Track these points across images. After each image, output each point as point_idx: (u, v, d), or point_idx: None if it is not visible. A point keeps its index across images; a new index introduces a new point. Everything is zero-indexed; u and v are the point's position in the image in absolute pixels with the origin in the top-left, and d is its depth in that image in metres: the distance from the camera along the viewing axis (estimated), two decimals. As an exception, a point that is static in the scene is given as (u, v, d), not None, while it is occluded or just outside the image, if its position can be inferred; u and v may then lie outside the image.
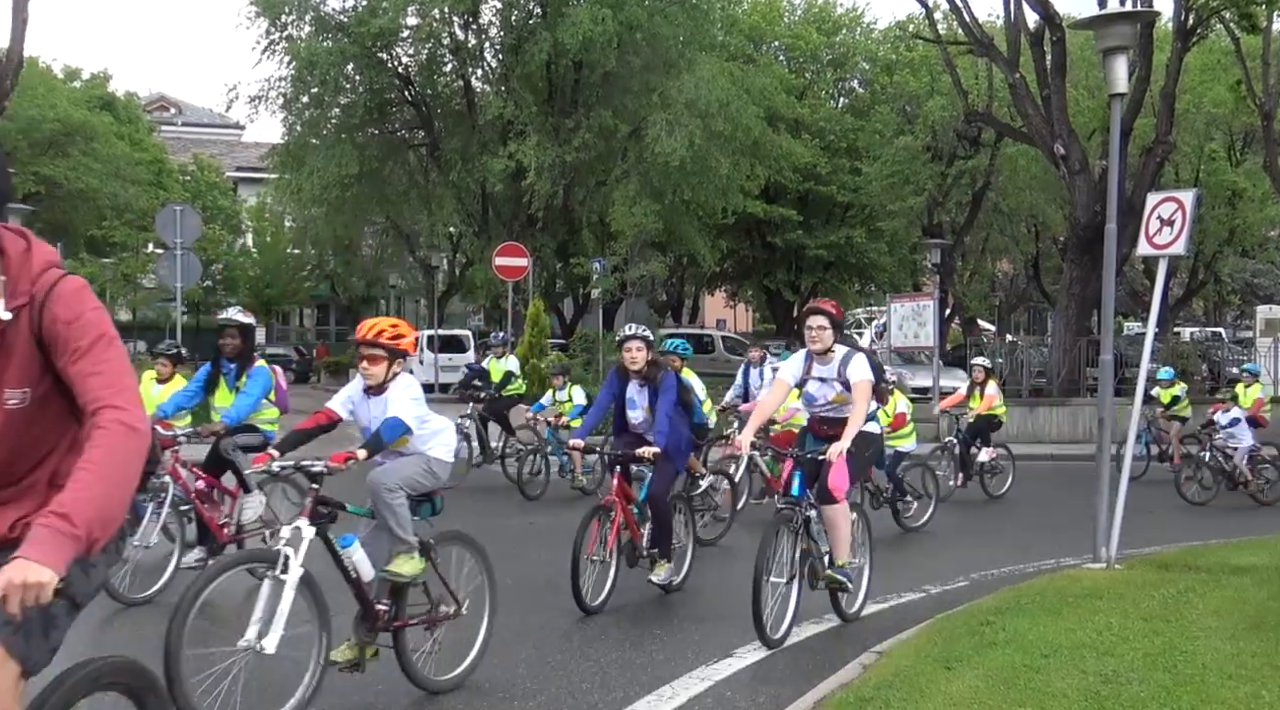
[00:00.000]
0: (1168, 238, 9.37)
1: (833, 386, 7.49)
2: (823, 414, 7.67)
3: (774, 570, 7.08)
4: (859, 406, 7.20)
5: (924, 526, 12.23)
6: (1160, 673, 5.82)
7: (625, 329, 8.66)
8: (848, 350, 7.48)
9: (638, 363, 8.38)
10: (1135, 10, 17.97)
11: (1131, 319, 43.87)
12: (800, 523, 7.23)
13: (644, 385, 8.45)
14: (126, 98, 48.50)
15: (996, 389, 14.85)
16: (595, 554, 7.97)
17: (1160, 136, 23.52)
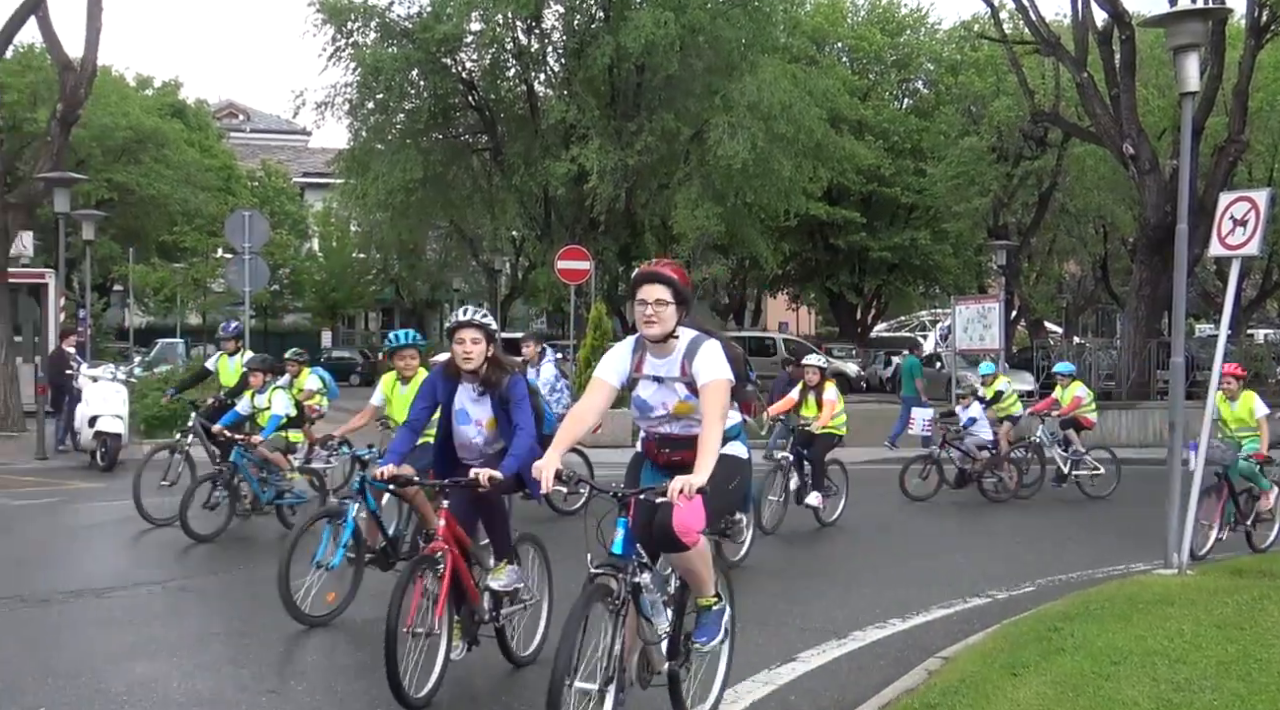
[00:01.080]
0: (1241, 238, 9.20)
1: (673, 390, 5.16)
2: (662, 430, 5.29)
3: (581, 672, 4.77)
4: (710, 420, 4.84)
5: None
6: (1234, 681, 5.71)
7: (459, 313, 6.40)
8: (695, 337, 5.14)
9: (473, 359, 6.20)
10: (1207, 7, 17.64)
11: (1203, 321, 43.13)
12: (623, 598, 4.87)
13: (483, 393, 6.32)
14: (197, 105, 49.39)
15: (837, 395, 12.17)
16: (418, 625, 5.79)
17: (1233, 135, 23.08)
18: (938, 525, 12.88)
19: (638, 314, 5.07)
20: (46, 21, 20.38)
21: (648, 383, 5.22)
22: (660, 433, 5.32)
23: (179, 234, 40.21)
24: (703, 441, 4.80)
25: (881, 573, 9.78)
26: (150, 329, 44.88)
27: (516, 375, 6.41)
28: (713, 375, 4.97)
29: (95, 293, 33.78)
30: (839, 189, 35.95)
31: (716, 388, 4.95)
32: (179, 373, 23.62)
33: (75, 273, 35.62)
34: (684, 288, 5.10)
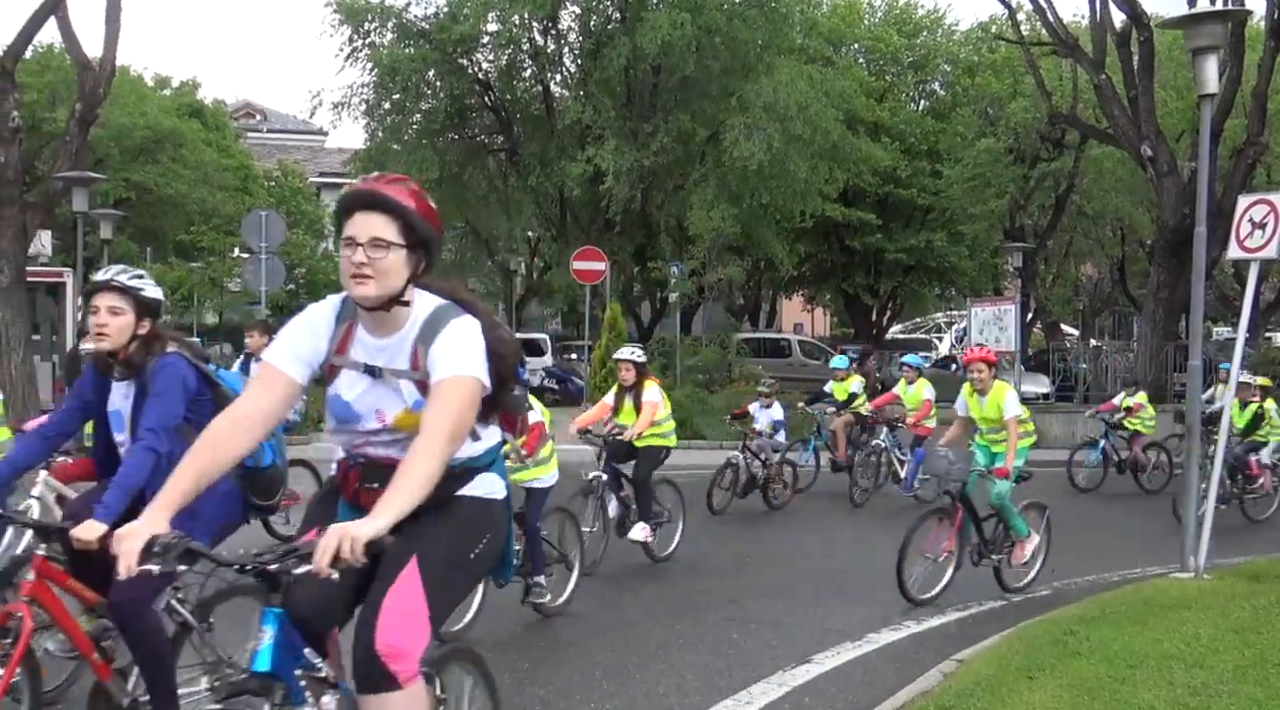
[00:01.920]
0: (1259, 241, 9.16)
1: (395, 390, 3.31)
2: (371, 452, 3.40)
3: None
4: (431, 434, 3.09)
5: (562, 607, 8.00)
6: (1251, 685, 5.68)
7: (98, 273, 4.69)
8: (440, 308, 3.31)
9: (108, 335, 4.48)
10: (1226, 9, 17.55)
11: (1220, 324, 42.90)
12: None
13: (131, 382, 4.56)
14: (214, 105, 49.52)
15: (661, 395, 9.76)
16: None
17: (1252, 138, 22.97)
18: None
19: (343, 261, 3.17)
20: (66, 21, 20.45)
21: (353, 375, 3.31)
22: (367, 456, 3.37)
23: (196, 233, 40.36)
24: (405, 466, 3.01)
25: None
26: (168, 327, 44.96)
27: (167, 358, 4.50)
28: (455, 369, 3.15)
29: (113, 292, 33.92)
30: (855, 190, 35.85)
31: (455, 388, 3.13)
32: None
33: (93, 272, 35.72)
34: (421, 221, 3.19)
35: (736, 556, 10.52)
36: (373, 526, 2.84)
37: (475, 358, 3.20)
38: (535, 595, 7.65)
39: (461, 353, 3.19)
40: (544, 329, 44.77)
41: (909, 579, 8.27)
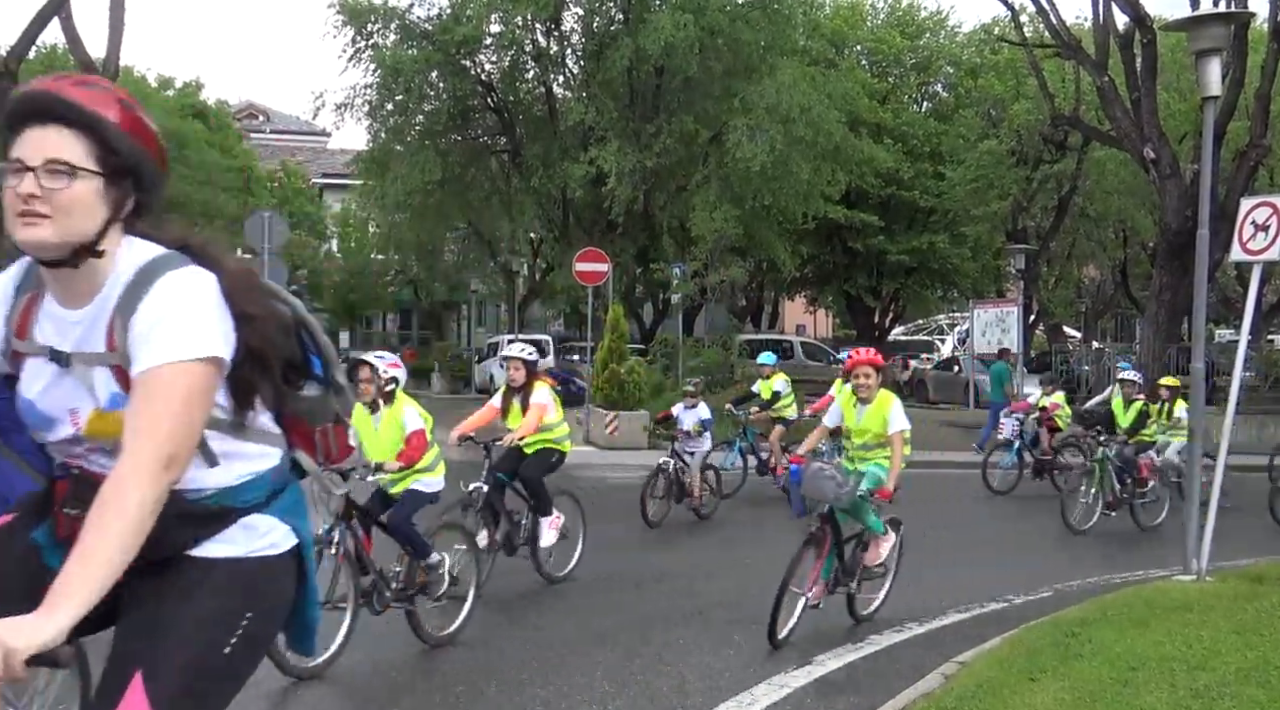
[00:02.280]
0: (1262, 243, 9.15)
1: (87, 380, 2.26)
2: (81, 462, 2.33)
3: None
4: (135, 454, 2.09)
5: (451, 636, 7.18)
6: (1254, 688, 5.67)
7: None
8: (155, 260, 2.28)
9: None
10: (1229, 11, 17.56)
11: (1223, 326, 42.87)
12: None
13: None
14: (217, 106, 49.55)
15: (551, 397, 8.96)
16: None
17: (1254, 140, 22.95)
18: (954, 531, 12.85)
19: (6, 195, 2.18)
20: (69, 22, 20.50)
21: (38, 364, 2.33)
22: (83, 469, 2.35)
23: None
24: (93, 516, 2.05)
25: (898, 577, 9.76)
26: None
27: None
28: (164, 352, 2.17)
29: (115, 292, 33.96)
30: (857, 192, 35.86)
31: (165, 381, 2.15)
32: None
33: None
34: (126, 138, 2.25)
35: (737, 558, 10.52)
36: (42, 630, 1.91)
37: (200, 331, 2.19)
38: (416, 620, 6.95)
39: (176, 325, 2.17)
40: (546, 330, 44.77)
41: (781, 625, 7.21)
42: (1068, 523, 12.33)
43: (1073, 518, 12.41)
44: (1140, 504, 13.16)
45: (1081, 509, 12.59)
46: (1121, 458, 12.84)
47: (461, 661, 6.71)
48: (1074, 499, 12.65)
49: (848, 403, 7.99)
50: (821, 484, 7.22)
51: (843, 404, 8.03)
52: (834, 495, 7.26)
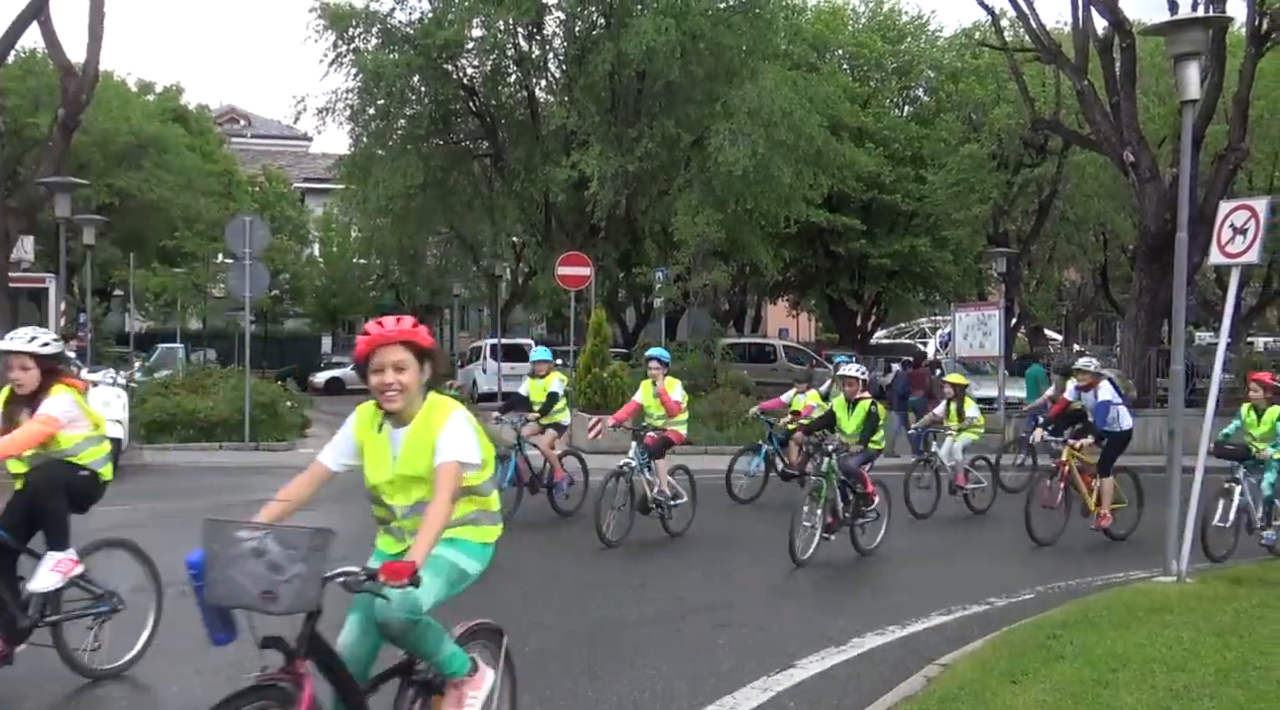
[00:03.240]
0: (1241, 246, 9.21)
1: None
2: None
3: None
4: None
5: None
6: (1233, 688, 5.71)
7: None
8: None
9: None
10: (1208, 15, 17.69)
11: (1203, 329, 43.12)
12: None
13: None
14: (198, 110, 49.39)
15: None
16: None
17: (1233, 143, 23.11)
18: (937, 533, 12.88)
19: None
20: (49, 26, 20.42)
21: None
22: None
23: (180, 239, 40.19)
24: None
25: (880, 580, 9.79)
26: (150, 334, 44.88)
27: None
28: None
29: (96, 297, 33.79)
30: (839, 196, 35.92)
31: None
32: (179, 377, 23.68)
33: (76, 277, 35.64)
34: None
35: (721, 563, 10.52)
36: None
37: None
38: None
39: None
40: (529, 334, 44.73)
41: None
42: (791, 552, 10.11)
43: (797, 542, 10.20)
44: (860, 525, 10.96)
45: (805, 533, 10.40)
46: (845, 469, 10.76)
47: (444, 667, 6.70)
48: (797, 521, 10.36)
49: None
50: (237, 582, 3.69)
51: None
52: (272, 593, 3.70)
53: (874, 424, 11.06)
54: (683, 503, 11.92)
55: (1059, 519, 11.96)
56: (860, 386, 11.42)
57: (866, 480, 10.95)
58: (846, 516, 10.80)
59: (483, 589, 8.48)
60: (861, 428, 11.03)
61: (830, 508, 10.59)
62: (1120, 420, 12.12)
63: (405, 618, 3.84)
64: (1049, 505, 11.94)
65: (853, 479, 10.84)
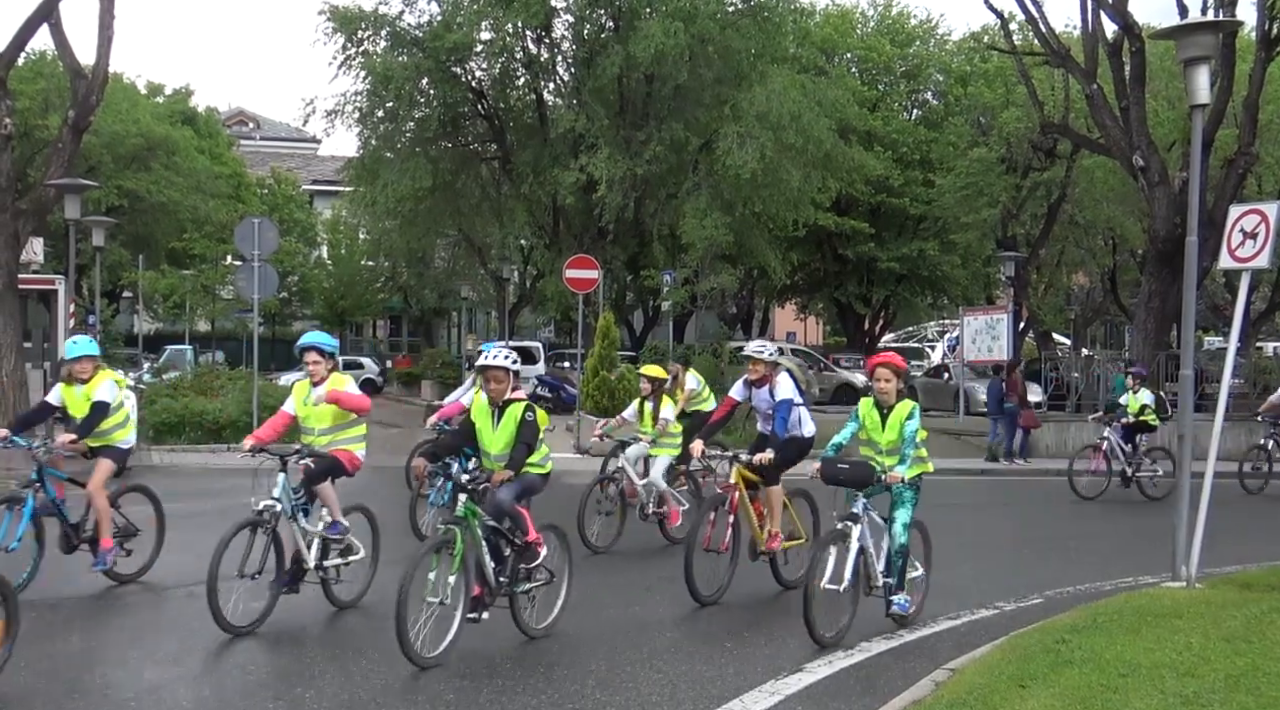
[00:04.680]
0: (1251, 251, 9.18)
1: None
2: None
3: None
4: None
5: None
6: (1243, 694, 5.69)
7: None
8: None
9: None
10: (1217, 20, 17.64)
11: (1212, 333, 42.99)
12: None
13: None
14: (207, 112, 49.54)
15: None
16: None
17: (1243, 148, 23.04)
18: (944, 538, 12.83)
19: None
20: (59, 28, 20.44)
21: None
22: None
23: (188, 241, 40.32)
24: None
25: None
26: (159, 335, 45.03)
27: None
28: None
29: (105, 299, 33.90)
30: (847, 199, 35.92)
31: None
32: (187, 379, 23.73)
33: (85, 279, 35.73)
34: None
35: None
36: None
37: None
38: None
39: None
40: (537, 337, 44.76)
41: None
42: (406, 650, 6.69)
43: (409, 638, 6.66)
44: (525, 593, 7.61)
45: (420, 618, 6.89)
46: (493, 507, 7.37)
47: (452, 669, 6.70)
48: (406, 595, 6.74)
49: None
50: None
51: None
52: None
53: (531, 436, 7.36)
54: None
55: (725, 567, 8.93)
56: (511, 382, 7.42)
57: (528, 522, 7.51)
58: (502, 582, 7.39)
59: (490, 592, 8.50)
60: (513, 442, 7.36)
61: (477, 571, 7.24)
62: (803, 425, 9.29)
63: None
64: (714, 549, 8.87)
65: (507, 522, 7.43)
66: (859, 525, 7.56)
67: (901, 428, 7.80)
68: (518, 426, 7.33)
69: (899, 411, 7.87)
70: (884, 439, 7.94)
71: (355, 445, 8.38)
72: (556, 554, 7.88)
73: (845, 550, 7.48)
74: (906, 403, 7.94)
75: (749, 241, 30.87)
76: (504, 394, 7.41)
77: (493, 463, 7.43)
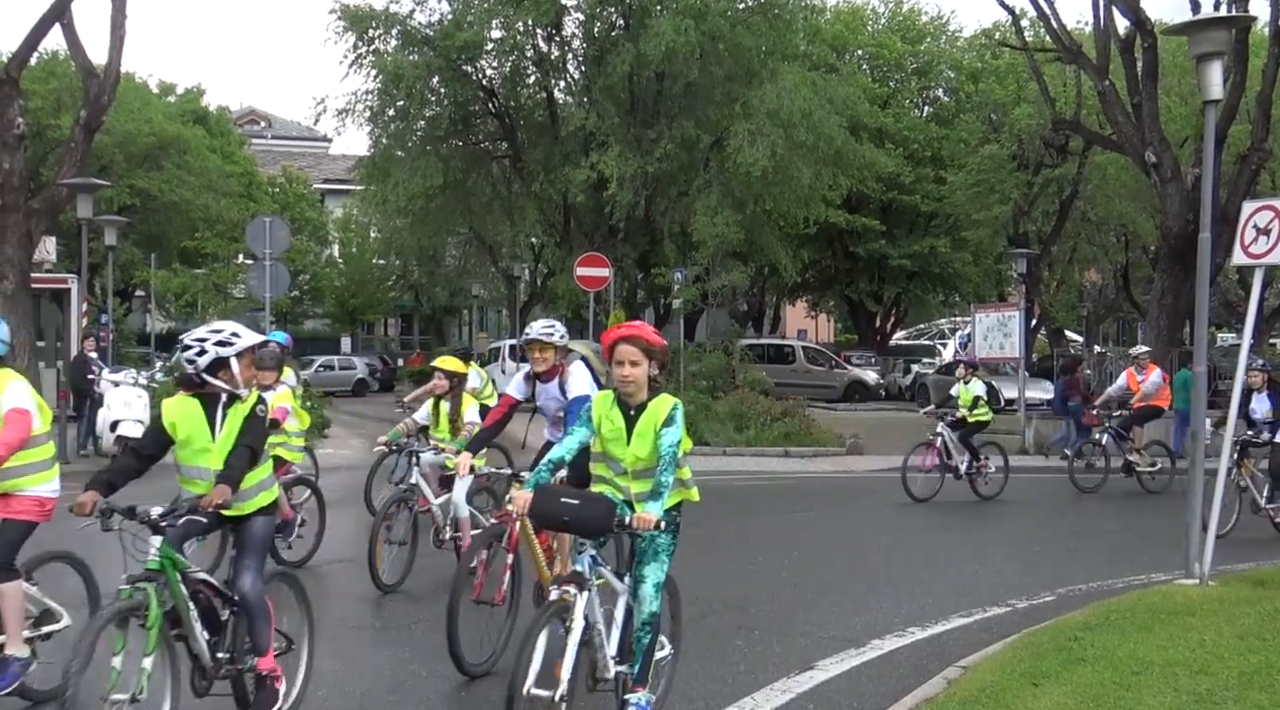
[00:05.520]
0: (1264, 247, 9.14)
1: None
2: None
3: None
4: None
5: None
6: (1257, 692, 5.66)
7: None
8: None
9: None
10: (1230, 15, 17.57)
11: (1225, 330, 42.84)
12: None
13: None
14: (218, 111, 49.69)
15: None
16: None
17: (1256, 143, 22.95)
18: (956, 535, 12.83)
19: None
20: (71, 28, 20.51)
21: None
22: None
23: (200, 240, 40.42)
24: None
25: (900, 582, 9.75)
26: (171, 334, 45.04)
27: None
28: None
29: (117, 298, 34.00)
30: (859, 197, 35.88)
31: None
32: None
33: (97, 278, 35.83)
34: None
35: (739, 564, 10.51)
36: None
37: None
38: None
39: None
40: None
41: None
42: None
43: None
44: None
45: None
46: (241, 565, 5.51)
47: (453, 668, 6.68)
48: None
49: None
50: None
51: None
52: None
53: (255, 437, 5.37)
54: None
55: (501, 624, 6.95)
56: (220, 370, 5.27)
57: (266, 606, 5.43)
58: (220, 658, 5.28)
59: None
60: (231, 453, 5.28)
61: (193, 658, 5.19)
62: None
63: None
64: (487, 601, 6.94)
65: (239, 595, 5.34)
66: (585, 593, 5.02)
67: (656, 438, 5.20)
68: (241, 427, 5.29)
69: (653, 413, 5.23)
70: (628, 455, 5.29)
71: None
72: (295, 610, 5.91)
73: (563, 635, 4.98)
74: (665, 399, 5.27)
75: (760, 239, 30.84)
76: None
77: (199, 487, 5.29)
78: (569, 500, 5.08)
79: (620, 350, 5.22)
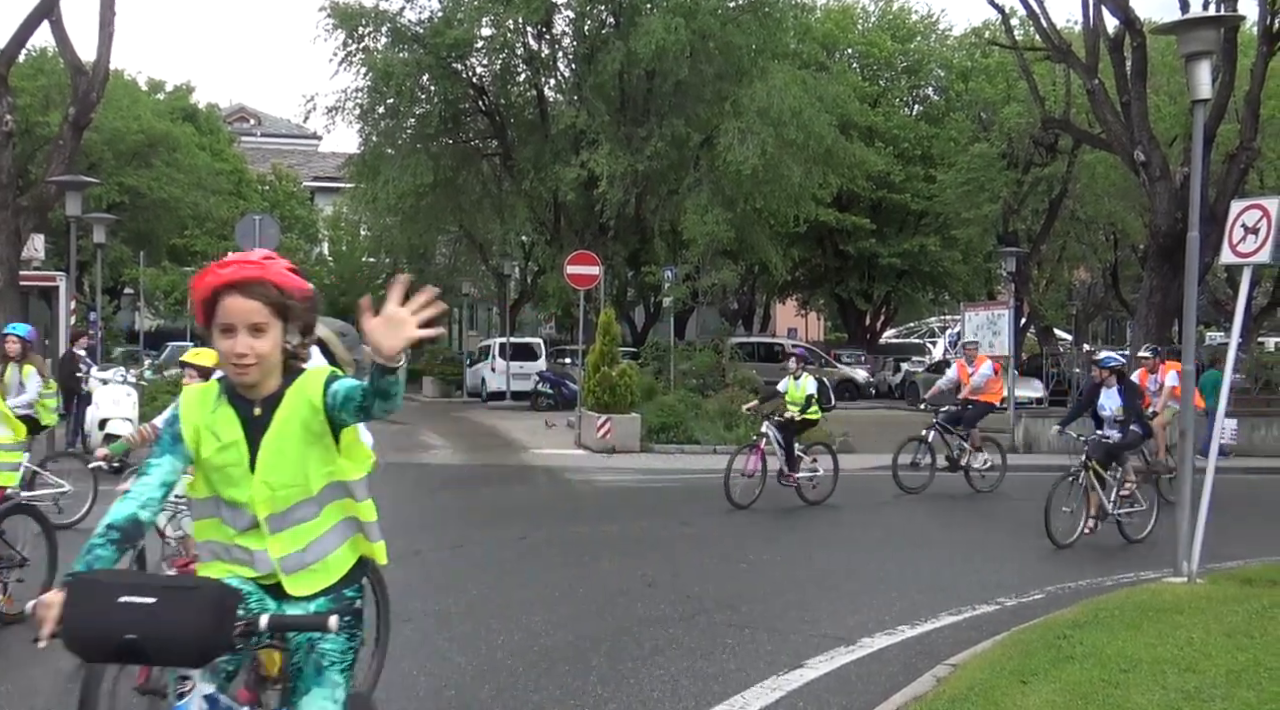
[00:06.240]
0: (1252, 246, 9.17)
1: None
2: None
3: None
4: None
5: None
6: (1244, 690, 5.69)
7: None
8: None
9: None
10: (1219, 15, 17.62)
11: (1213, 329, 42.97)
12: None
13: None
14: (208, 109, 49.55)
15: None
16: None
17: (1244, 142, 23.01)
18: (947, 532, 12.85)
19: None
20: (59, 25, 20.45)
21: None
22: None
23: (190, 237, 40.29)
24: None
25: (890, 580, 9.76)
26: (160, 332, 44.99)
27: None
28: None
29: (106, 296, 33.90)
30: (849, 195, 35.93)
31: None
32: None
33: (86, 276, 35.76)
34: None
35: (729, 562, 10.51)
36: None
37: None
38: None
39: None
40: (538, 333, 44.74)
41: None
42: None
43: None
44: None
45: None
46: None
47: (453, 665, 6.71)
48: None
49: None
50: None
51: None
52: None
53: None
54: None
55: None
56: None
57: None
58: None
59: (494, 589, 8.53)
60: None
61: None
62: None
63: None
64: None
65: None
66: None
67: (312, 437, 3.08)
68: None
69: (298, 397, 3.10)
70: (256, 490, 3.05)
71: None
72: None
73: None
74: (315, 372, 3.17)
75: (750, 237, 30.87)
76: None
77: None
78: (138, 599, 2.66)
79: (228, 307, 2.98)
